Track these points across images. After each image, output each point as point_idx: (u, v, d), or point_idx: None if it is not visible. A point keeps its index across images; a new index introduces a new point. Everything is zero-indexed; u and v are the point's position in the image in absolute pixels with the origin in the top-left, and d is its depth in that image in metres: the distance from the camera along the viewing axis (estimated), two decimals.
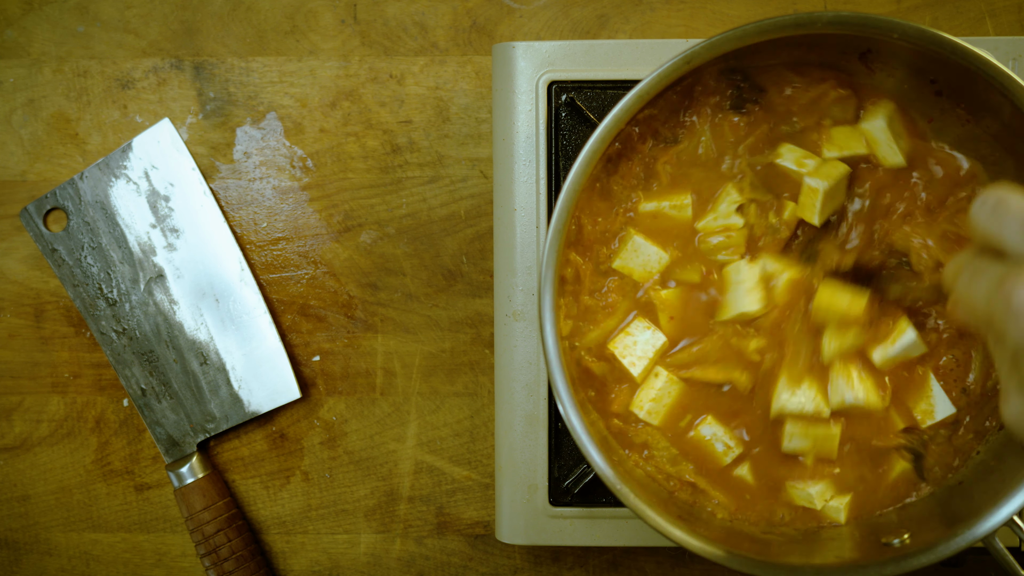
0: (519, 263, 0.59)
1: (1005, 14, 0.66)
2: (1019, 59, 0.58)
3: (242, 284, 0.66)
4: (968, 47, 0.46)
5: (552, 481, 0.59)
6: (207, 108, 0.68)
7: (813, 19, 0.47)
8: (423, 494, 0.67)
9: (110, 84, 0.68)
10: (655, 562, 0.66)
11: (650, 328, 0.53)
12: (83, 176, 0.66)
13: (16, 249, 0.68)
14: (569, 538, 0.60)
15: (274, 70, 0.68)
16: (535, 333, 0.60)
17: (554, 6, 0.67)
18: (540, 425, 0.59)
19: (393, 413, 0.67)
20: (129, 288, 0.66)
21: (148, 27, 0.68)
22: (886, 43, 0.48)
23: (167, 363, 0.66)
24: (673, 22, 0.67)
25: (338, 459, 0.68)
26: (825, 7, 0.67)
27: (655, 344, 0.53)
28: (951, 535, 0.47)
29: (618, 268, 0.54)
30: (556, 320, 0.49)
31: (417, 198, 0.67)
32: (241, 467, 0.68)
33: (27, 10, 0.68)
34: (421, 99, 0.67)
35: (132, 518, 0.68)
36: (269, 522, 0.68)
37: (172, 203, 0.67)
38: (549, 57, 0.59)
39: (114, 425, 0.68)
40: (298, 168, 0.68)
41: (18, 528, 0.68)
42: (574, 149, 0.58)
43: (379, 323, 0.67)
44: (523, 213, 0.59)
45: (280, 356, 0.66)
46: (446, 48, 0.67)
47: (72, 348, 0.68)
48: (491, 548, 0.67)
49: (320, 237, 0.68)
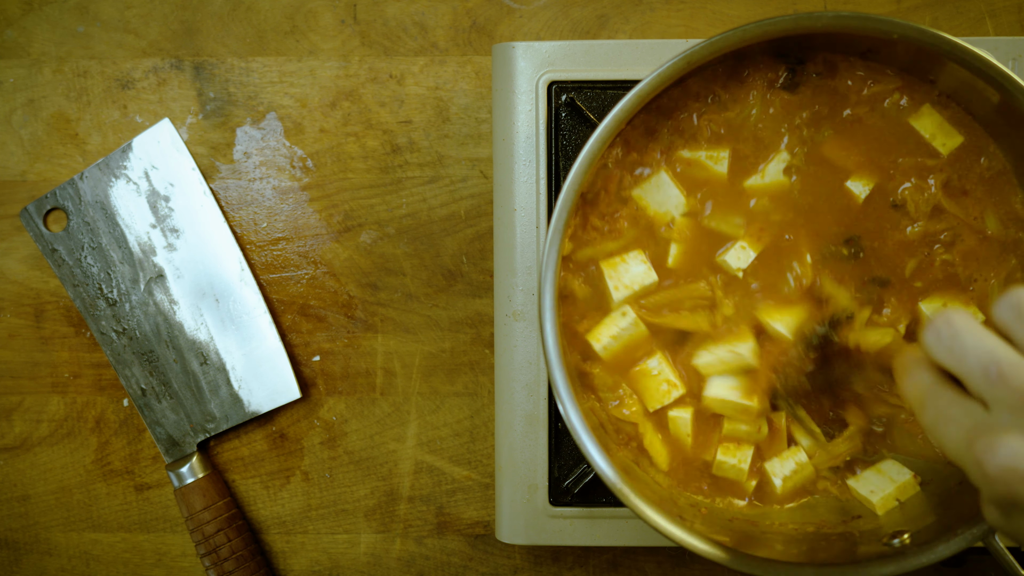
0: (519, 263, 0.59)
1: (1005, 14, 0.66)
2: (1019, 59, 0.58)
3: (242, 284, 0.66)
4: (968, 47, 0.46)
5: (552, 481, 0.59)
6: (207, 108, 0.68)
7: (813, 19, 0.47)
8: (423, 494, 0.67)
9: (110, 84, 0.68)
10: (655, 562, 0.66)
11: (645, 264, 0.53)
12: (83, 176, 0.66)
13: (16, 249, 0.68)
14: (569, 538, 0.60)
15: (274, 70, 0.68)
16: (535, 333, 0.60)
17: (554, 6, 0.67)
18: (540, 425, 0.59)
19: (393, 413, 0.67)
20: (129, 288, 0.66)
21: (148, 27, 0.68)
22: (886, 43, 0.48)
23: (167, 363, 0.66)
24: (673, 22, 0.67)
25: (338, 459, 0.68)
26: (825, 7, 0.67)
27: (644, 281, 0.53)
28: (951, 535, 0.47)
29: (635, 197, 0.54)
30: (556, 320, 0.49)
31: (417, 198, 0.67)
32: (241, 467, 0.68)
33: (27, 10, 0.68)
34: (421, 99, 0.67)
35: (132, 518, 0.68)
36: (269, 522, 0.68)
37: (172, 203, 0.67)
38: (549, 57, 0.59)
39: (114, 425, 0.68)
40: (298, 168, 0.68)
41: (18, 528, 0.68)
42: (574, 149, 0.58)
43: (379, 323, 0.67)
44: (523, 213, 0.59)
45: (280, 356, 0.66)
46: (446, 48, 0.67)
47: (72, 348, 0.68)
48: (491, 548, 0.67)
49: (320, 237, 0.68)
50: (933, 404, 0.38)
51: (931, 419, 0.38)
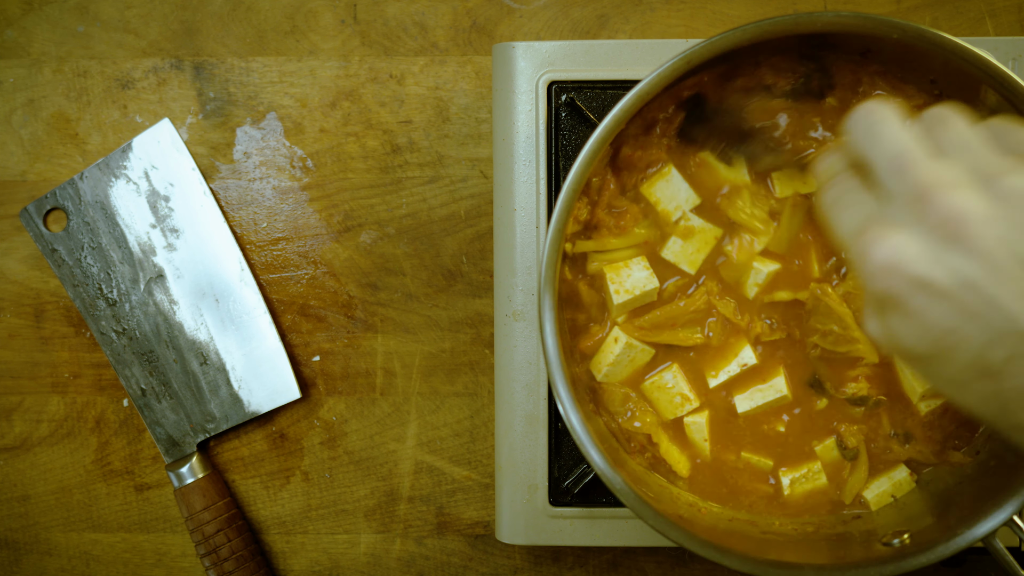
0: (519, 263, 0.59)
1: (1005, 14, 0.66)
2: (1019, 59, 0.58)
3: (242, 284, 0.66)
4: (968, 47, 0.46)
5: (552, 481, 0.59)
6: (207, 108, 0.68)
7: (813, 19, 0.47)
8: (423, 494, 0.67)
9: (110, 84, 0.68)
10: (655, 562, 0.66)
11: (648, 270, 0.53)
12: (83, 176, 0.66)
13: (16, 249, 0.68)
14: (569, 538, 0.60)
15: (274, 70, 0.68)
16: (535, 333, 0.60)
17: (554, 6, 0.67)
18: (540, 425, 0.59)
19: (393, 413, 0.67)
20: (129, 288, 0.66)
21: (148, 27, 0.68)
22: (886, 43, 0.48)
23: (167, 363, 0.66)
24: (673, 22, 0.67)
25: (338, 459, 0.68)
26: (825, 7, 0.67)
27: (646, 286, 0.53)
28: (951, 535, 0.47)
29: (644, 192, 0.54)
30: (556, 320, 0.49)
31: (417, 198, 0.67)
32: (241, 467, 0.68)
33: (27, 10, 0.68)
34: (421, 99, 0.67)
35: (132, 518, 0.68)
36: (269, 522, 0.68)
37: (172, 203, 0.67)
38: (549, 57, 0.59)
39: (114, 425, 0.68)
40: (298, 168, 0.68)
41: (18, 528, 0.68)
42: (574, 149, 0.58)
43: (379, 323, 0.67)
44: (523, 213, 0.59)
45: (280, 356, 0.66)
46: (446, 48, 0.67)
47: (72, 348, 0.68)
48: (491, 548, 0.67)
49: (320, 237, 0.68)
50: (838, 186, 0.38)
51: (831, 199, 0.38)
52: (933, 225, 0.33)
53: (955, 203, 0.33)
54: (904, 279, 0.34)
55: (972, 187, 0.33)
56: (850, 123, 0.38)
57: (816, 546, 0.51)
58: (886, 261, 0.34)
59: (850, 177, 0.38)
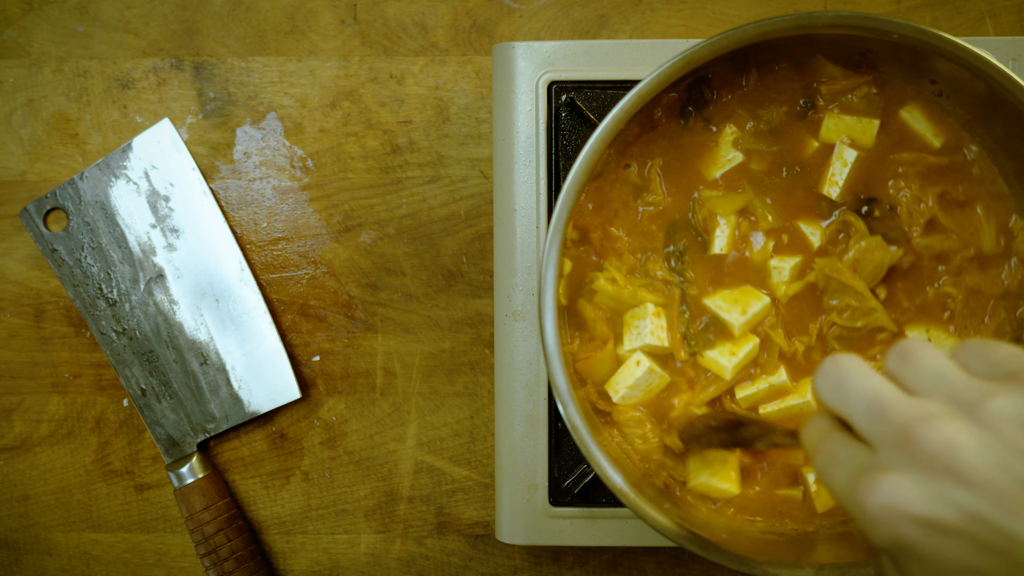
0: (519, 263, 0.59)
1: (1005, 14, 0.66)
2: (1019, 59, 0.58)
3: (242, 284, 0.66)
4: (968, 47, 0.46)
5: (552, 481, 0.59)
6: (207, 108, 0.68)
7: (813, 19, 0.47)
8: (423, 494, 0.67)
9: (110, 84, 0.68)
10: (655, 562, 0.66)
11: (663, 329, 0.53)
12: (83, 176, 0.66)
13: (16, 249, 0.68)
14: (569, 538, 0.60)
15: (274, 70, 0.68)
16: (535, 333, 0.60)
17: (554, 6, 0.67)
18: (540, 425, 0.59)
19: (393, 413, 0.67)
20: (129, 288, 0.66)
21: (148, 27, 0.68)
22: (886, 43, 0.48)
23: (167, 363, 0.66)
24: (673, 22, 0.67)
25: (338, 459, 0.68)
26: (825, 7, 0.67)
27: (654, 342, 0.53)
28: None
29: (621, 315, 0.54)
30: (556, 320, 0.49)
31: (417, 198, 0.67)
32: (241, 467, 0.68)
33: (27, 10, 0.68)
34: (421, 99, 0.67)
35: (132, 518, 0.68)
36: (269, 522, 0.68)
37: (172, 203, 0.67)
38: (549, 57, 0.59)
39: (114, 425, 0.68)
40: (298, 168, 0.68)
41: (18, 528, 0.68)
42: (574, 149, 0.58)
43: (379, 323, 0.67)
44: (523, 213, 0.59)
45: (280, 356, 0.66)
46: (446, 48, 0.67)
47: (72, 348, 0.68)
48: (491, 548, 0.67)
49: (320, 237, 0.68)
50: (824, 448, 0.37)
51: (822, 463, 0.37)
52: (924, 461, 0.32)
53: (941, 434, 0.32)
54: (907, 521, 0.32)
55: (955, 416, 0.32)
56: (816, 384, 0.36)
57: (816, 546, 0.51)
58: (883, 506, 0.32)
59: (835, 435, 0.37)
